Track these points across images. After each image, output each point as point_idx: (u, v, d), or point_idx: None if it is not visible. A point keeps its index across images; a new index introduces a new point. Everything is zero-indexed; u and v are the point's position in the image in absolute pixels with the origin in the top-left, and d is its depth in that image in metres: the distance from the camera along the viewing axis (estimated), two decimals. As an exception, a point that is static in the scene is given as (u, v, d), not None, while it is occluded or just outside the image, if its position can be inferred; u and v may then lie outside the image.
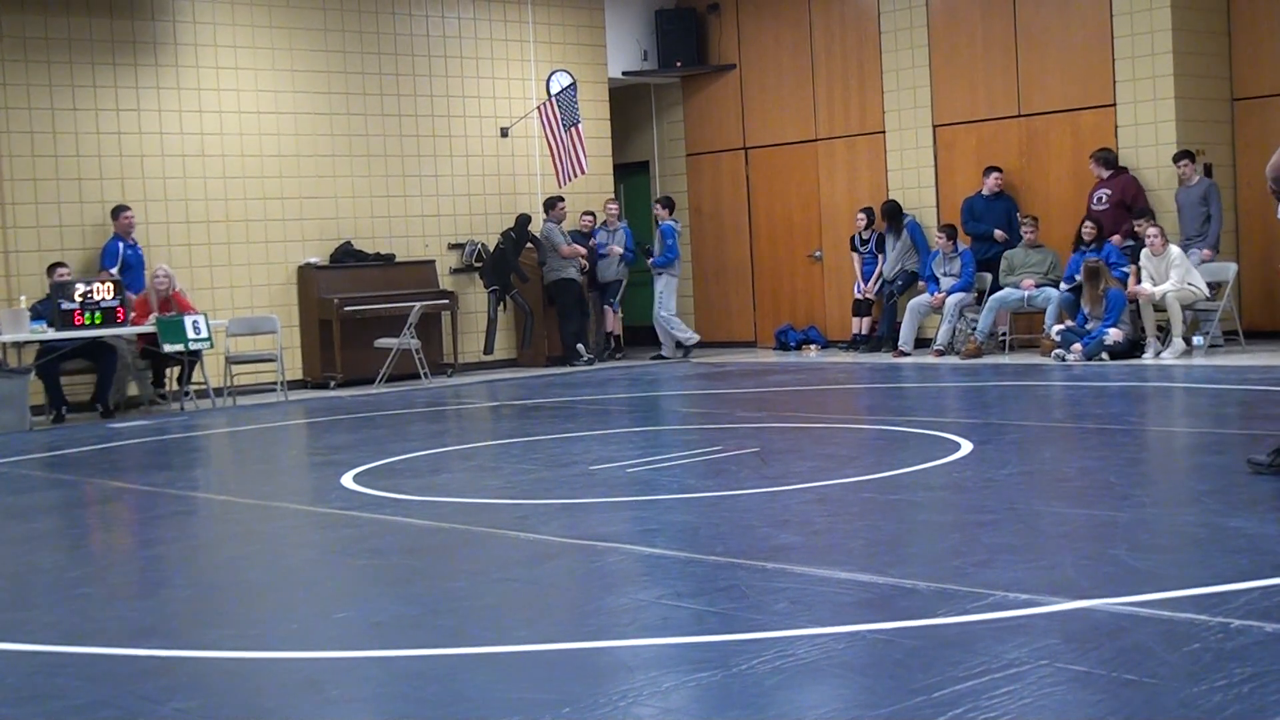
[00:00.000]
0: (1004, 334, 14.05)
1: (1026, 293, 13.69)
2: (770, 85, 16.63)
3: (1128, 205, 13.41)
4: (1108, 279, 12.79)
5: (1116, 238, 13.32)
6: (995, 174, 14.36)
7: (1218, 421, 9.18)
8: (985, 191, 14.39)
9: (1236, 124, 13.92)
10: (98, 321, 11.95)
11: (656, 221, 16.24)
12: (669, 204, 16.29)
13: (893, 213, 15.14)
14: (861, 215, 15.43)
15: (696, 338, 16.23)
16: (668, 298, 15.98)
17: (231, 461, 10.00)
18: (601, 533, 6.08)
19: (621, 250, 16.06)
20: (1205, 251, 13.11)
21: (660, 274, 15.95)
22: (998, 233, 14.24)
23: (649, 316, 16.45)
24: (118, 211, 13.04)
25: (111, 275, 12.47)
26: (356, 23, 14.91)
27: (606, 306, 16.35)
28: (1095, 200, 13.61)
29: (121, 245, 12.97)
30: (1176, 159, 13.25)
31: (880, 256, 15.33)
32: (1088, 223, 13.33)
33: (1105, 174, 13.60)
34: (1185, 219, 13.30)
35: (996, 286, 14.06)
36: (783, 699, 3.72)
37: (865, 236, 15.46)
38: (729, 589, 4.93)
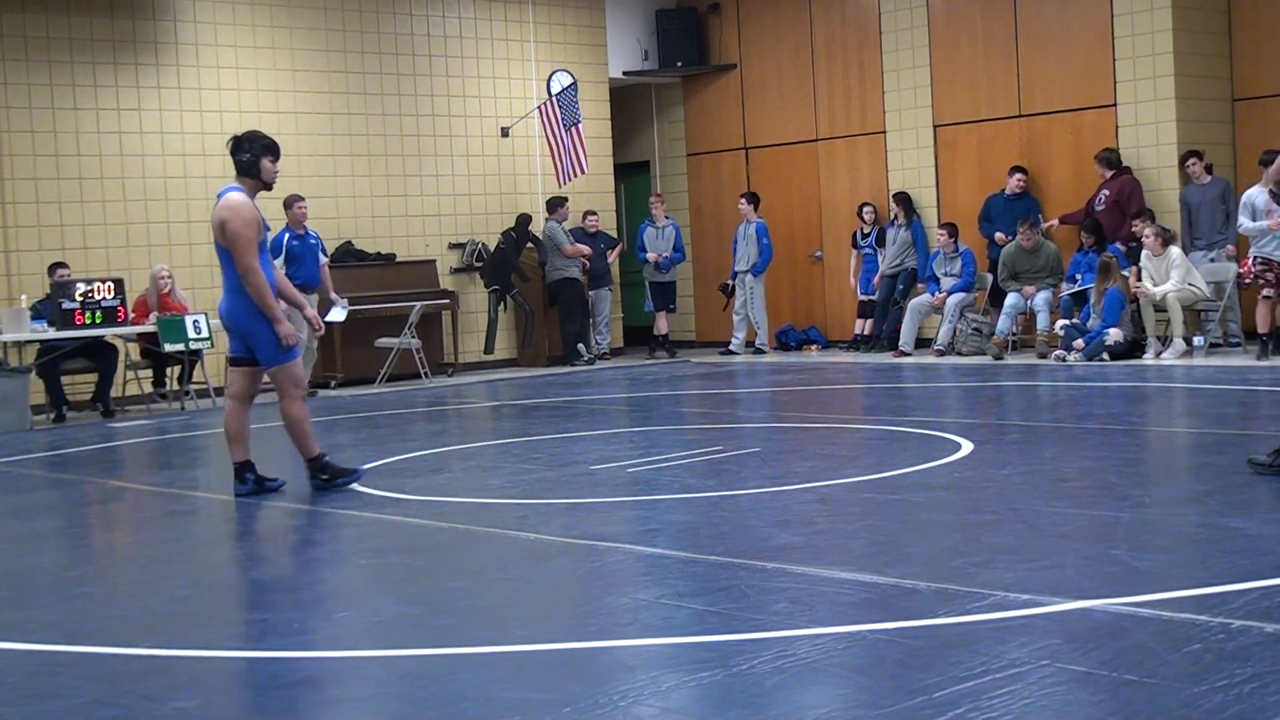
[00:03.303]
0: (1014, 333, 14.02)
1: (1028, 301, 13.70)
2: (771, 85, 16.63)
3: (1123, 207, 13.41)
4: (1117, 277, 12.77)
5: (1119, 244, 13.27)
6: (1019, 175, 14.29)
7: (1218, 422, 9.18)
8: (1008, 191, 14.33)
9: (1237, 124, 13.92)
10: (98, 321, 11.95)
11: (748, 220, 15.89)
12: (756, 199, 15.95)
13: (905, 202, 15.07)
14: (869, 210, 15.41)
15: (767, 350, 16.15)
16: (759, 296, 15.84)
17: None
18: (602, 533, 6.08)
19: (658, 256, 16.05)
20: (1230, 248, 13.10)
21: (748, 271, 15.85)
22: (999, 235, 14.20)
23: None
24: (289, 203, 13.08)
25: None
26: (357, 23, 14.91)
27: (660, 311, 16.36)
28: (1097, 201, 13.62)
29: (286, 237, 13.02)
30: (1185, 159, 13.24)
31: (880, 252, 15.32)
32: (1083, 231, 13.36)
33: (1107, 174, 13.58)
34: (1203, 218, 13.27)
35: (997, 286, 14.05)
36: (783, 699, 3.72)
37: (866, 232, 15.46)
38: (729, 589, 4.93)
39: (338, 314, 13.52)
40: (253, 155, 7.49)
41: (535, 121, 15.89)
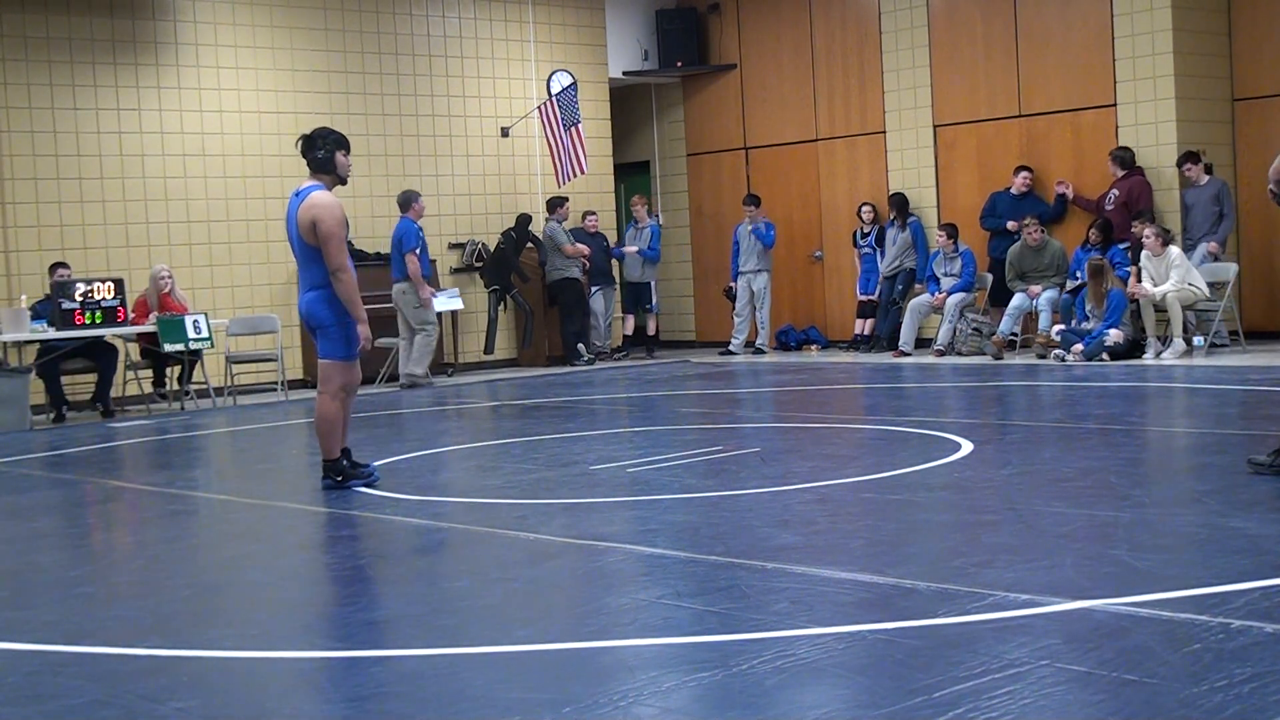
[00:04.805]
0: (1015, 334, 14.00)
1: (1034, 301, 13.68)
2: (771, 85, 16.63)
3: (1131, 207, 13.38)
4: (1111, 278, 12.77)
5: (1126, 246, 13.23)
6: (1024, 173, 14.27)
7: (1218, 422, 9.18)
8: (1014, 190, 14.32)
9: (1237, 124, 13.92)
10: (98, 321, 11.95)
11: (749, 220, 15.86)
12: (758, 201, 15.92)
13: (900, 204, 15.11)
14: (867, 209, 15.43)
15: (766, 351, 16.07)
16: (766, 297, 15.85)
17: (231, 461, 10.00)
18: (602, 533, 6.08)
19: (635, 249, 16.17)
20: (1212, 245, 13.08)
21: (760, 272, 15.84)
22: (1010, 224, 14.16)
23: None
24: (414, 198, 13.66)
25: (415, 255, 13.36)
26: (357, 23, 14.91)
27: (643, 309, 16.43)
28: (1107, 201, 13.60)
29: (419, 230, 13.50)
30: (1180, 162, 13.23)
31: (879, 251, 15.33)
32: (1093, 229, 13.35)
33: (1119, 174, 13.56)
34: (1196, 218, 13.28)
35: (1004, 286, 14.04)
36: (783, 699, 3.72)
37: (866, 231, 15.47)
38: (729, 589, 4.93)
39: (453, 303, 14.13)
40: (327, 151, 7.61)
41: (535, 121, 15.90)
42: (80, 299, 11.86)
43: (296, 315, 14.33)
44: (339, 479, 7.54)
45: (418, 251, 13.58)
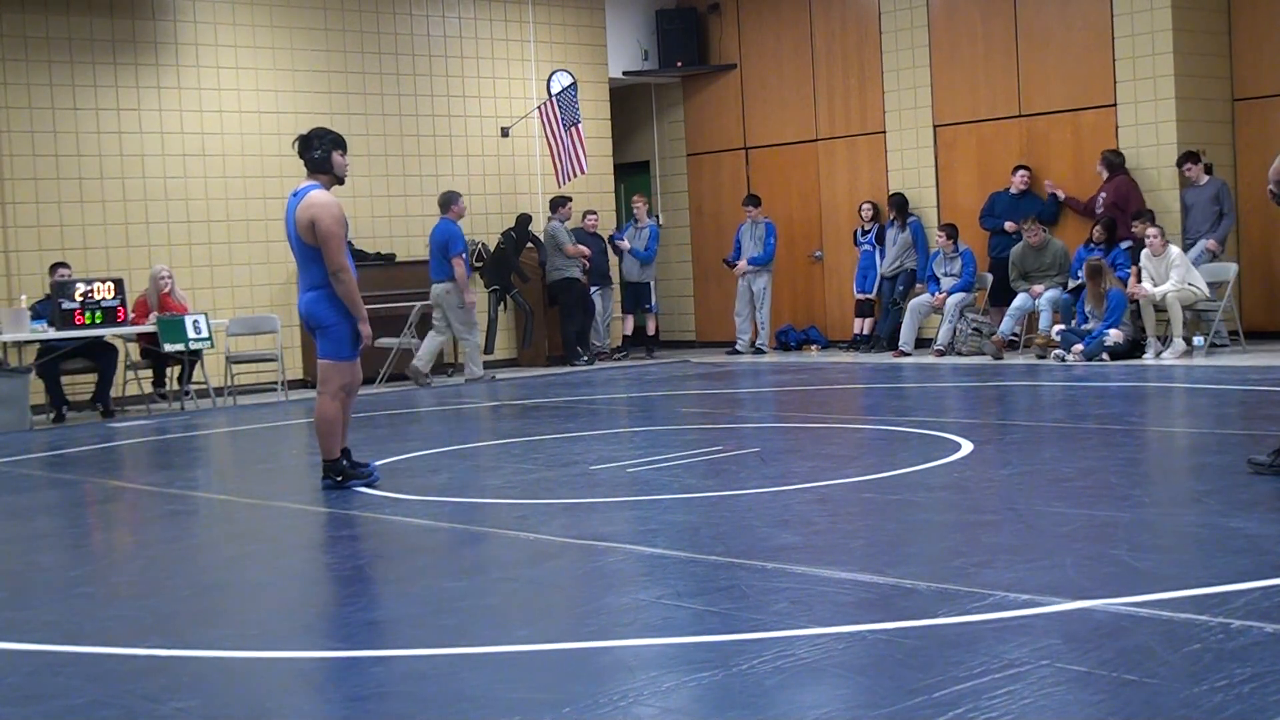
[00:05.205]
0: (1015, 334, 13.99)
1: (1036, 300, 13.66)
2: (771, 85, 16.63)
3: (1121, 208, 13.40)
4: (1110, 278, 12.78)
5: (1128, 246, 13.24)
6: (1023, 172, 14.27)
7: (1218, 422, 9.18)
8: (1013, 189, 14.32)
9: (1237, 124, 13.92)
10: (98, 321, 11.95)
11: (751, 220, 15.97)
12: (758, 201, 16.03)
13: (900, 204, 15.13)
14: (867, 206, 15.44)
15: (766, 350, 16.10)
16: (766, 298, 15.91)
17: (231, 461, 10.00)
18: (602, 533, 6.08)
19: (627, 246, 16.20)
20: (1211, 242, 13.08)
21: (760, 273, 15.86)
22: (1009, 225, 14.17)
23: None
24: (455, 198, 13.87)
25: (464, 258, 13.73)
26: (357, 23, 14.91)
27: (642, 309, 16.47)
28: (1096, 204, 13.62)
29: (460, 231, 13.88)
30: (1180, 162, 13.23)
31: (879, 249, 15.34)
32: (1097, 227, 13.36)
33: (1105, 175, 13.59)
34: (1195, 217, 13.28)
35: (1004, 287, 14.03)
36: (783, 699, 3.72)
37: (867, 228, 15.47)
38: (729, 589, 4.93)
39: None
40: (324, 151, 7.63)
41: (535, 121, 15.90)
42: (80, 299, 11.86)
43: (296, 315, 14.36)
44: (339, 479, 7.54)
45: (464, 255, 13.70)
